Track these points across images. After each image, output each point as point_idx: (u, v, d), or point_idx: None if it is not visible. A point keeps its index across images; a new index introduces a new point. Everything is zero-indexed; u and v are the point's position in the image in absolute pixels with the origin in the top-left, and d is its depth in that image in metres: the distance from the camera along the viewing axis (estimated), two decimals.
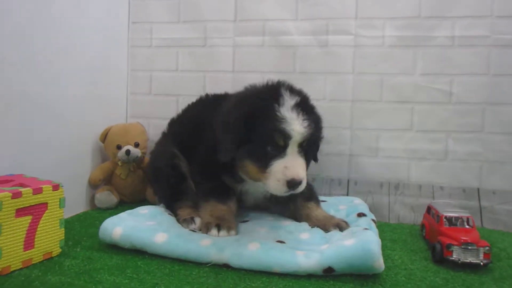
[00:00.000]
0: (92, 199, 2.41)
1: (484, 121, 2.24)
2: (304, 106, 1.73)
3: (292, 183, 1.63)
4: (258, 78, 2.39)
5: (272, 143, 1.66)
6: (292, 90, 1.77)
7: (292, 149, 1.67)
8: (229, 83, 2.55)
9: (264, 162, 1.68)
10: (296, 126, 1.65)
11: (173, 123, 2.32)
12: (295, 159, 1.67)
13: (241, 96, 1.85)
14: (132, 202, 2.43)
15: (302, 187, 1.67)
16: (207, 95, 2.29)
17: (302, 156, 1.70)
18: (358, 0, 2.39)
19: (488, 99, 2.23)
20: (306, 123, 1.67)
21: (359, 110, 2.40)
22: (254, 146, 1.69)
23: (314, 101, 2.33)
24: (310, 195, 2.01)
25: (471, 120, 2.25)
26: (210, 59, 2.61)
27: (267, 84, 1.85)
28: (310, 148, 1.79)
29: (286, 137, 1.65)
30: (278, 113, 1.66)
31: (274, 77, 2.39)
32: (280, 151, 1.66)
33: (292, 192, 1.66)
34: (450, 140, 2.29)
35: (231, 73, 2.58)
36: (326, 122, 2.33)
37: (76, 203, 2.29)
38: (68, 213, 2.12)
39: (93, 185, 2.42)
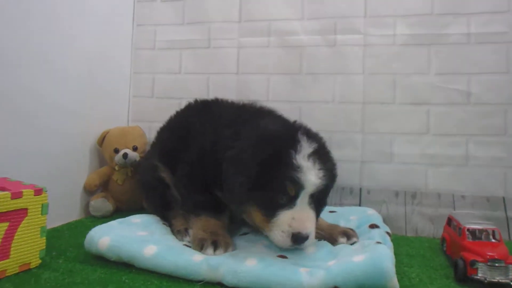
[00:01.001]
0: (87, 206, 2.29)
1: (506, 123, 2.11)
2: (321, 154, 1.60)
3: (297, 237, 1.50)
4: (263, 79, 2.39)
5: (283, 192, 1.53)
6: (309, 135, 1.63)
7: (303, 200, 1.54)
8: (233, 85, 2.48)
9: (271, 211, 1.55)
10: (311, 176, 1.52)
11: (161, 131, 2.21)
12: (304, 211, 1.55)
13: (257, 136, 1.64)
14: (130, 209, 2.28)
15: (309, 243, 1.54)
16: (195, 101, 2.14)
17: (312, 208, 1.57)
18: None
19: (510, 99, 2.11)
20: (321, 173, 1.54)
21: (371, 112, 2.28)
22: (264, 193, 1.55)
23: (322, 104, 2.30)
24: None
25: (492, 122, 2.12)
26: (214, 61, 2.53)
27: (284, 124, 1.73)
28: (321, 199, 1.65)
29: (299, 187, 1.52)
30: (294, 161, 1.52)
31: (280, 79, 2.37)
32: (290, 201, 1.54)
33: (297, 247, 1.53)
34: (470, 144, 2.15)
35: (235, 75, 2.49)
36: (335, 126, 2.28)
37: (70, 211, 2.18)
38: (59, 221, 2.04)
39: (89, 191, 2.30)
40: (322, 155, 1.60)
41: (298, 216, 1.51)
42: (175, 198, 1.91)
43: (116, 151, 2.32)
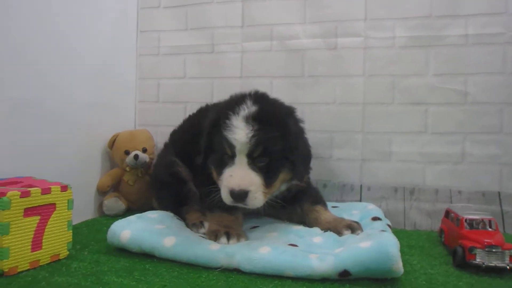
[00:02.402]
0: (100, 206, 2.39)
1: (502, 121, 2.17)
2: (263, 116, 1.68)
3: (233, 193, 1.62)
4: (266, 83, 2.44)
5: (224, 152, 1.68)
6: (257, 100, 1.74)
7: (241, 159, 1.66)
8: (237, 89, 2.40)
9: (220, 169, 1.70)
10: (238, 135, 1.63)
11: (174, 133, 2.31)
12: (242, 169, 1.65)
13: (218, 104, 1.86)
14: (140, 209, 2.34)
15: (250, 201, 1.63)
16: (207, 105, 2.24)
17: (254, 167, 1.66)
18: (367, 1, 2.34)
19: (506, 98, 2.16)
20: (252, 133, 1.63)
21: (371, 113, 2.35)
22: (215, 153, 1.73)
23: (324, 105, 2.37)
24: (317, 198, 1.99)
25: (488, 121, 2.18)
26: (217, 66, 2.59)
27: (241, 93, 1.84)
28: (273, 161, 1.69)
29: (231, 146, 1.65)
30: (229, 122, 1.66)
31: (282, 82, 2.44)
32: (231, 160, 1.67)
33: (239, 204, 1.65)
34: (467, 142, 2.21)
35: (239, 78, 2.55)
36: (336, 127, 2.35)
37: (85, 210, 2.27)
38: (76, 219, 2.08)
39: (101, 192, 2.40)
40: (264, 117, 1.67)
41: (235, 174, 1.63)
42: (192, 193, 2.00)
43: (127, 153, 2.40)
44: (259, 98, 1.77)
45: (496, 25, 2.18)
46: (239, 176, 1.63)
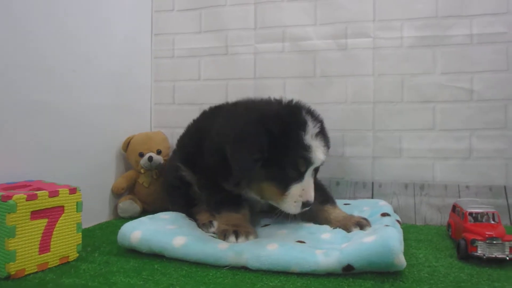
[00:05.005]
0: (115, 208, 2.42)
1: (507, 117, 2.20)
2: (323, 133, 1.80)
3: (307, 204, 1.72)
4: (280, 83, 2.48)
5: (294, 168, 1.71)
6: (312, 115, 1.81)
7: (309, 173, 1.74)
8: (251, 89, 2.56)
9: (284, 185, 1.71)
10: (319, 154, 1.72)
11: (181, 138, 2.35)
12: (310, 183, 1.75)
13: (260, 114, 1.76)
14: (155, 211, 2.36)
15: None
16: (209, 107, 2.28)
17: (313, 178, 1.77)
18: (376, 3, 2.38)
19: (510, 95, 2.20)
20: (326, 150, 1.77)
21: (381, 111, 2.38)
22: (276, 169, 1.71)
23: (335, 104, 2.42)
24: (326, 197, 2.01)
25: (494, 117, 2.22)
26: (232, 67, 2.63)
27: (284, 104, 1.87)
28: (318, 167, 1.83)
29: (309, 163, 1.71)
30: (304, 141, 1.69)
31: (295, 83, 2.49)
32: (300, 175, 1.72)
33: (304, 210, 1.74)
34: (474, 138, 2.24)
35: (252, 79, 2.59)
36: (348, 125, 2.40)
37: (99, 212, 2.31)
38: (90, 222, 2.17)
39: (116, 194, 2.44)
40: (324, 134, 1.81)
41: (306, 188, 1.71)
42: (198, 195, 2.07)
43: (141, 155, 2.44)
44: (310, 112, 1.84)
45: (499, 24, 2.21)
46: (311, 189, 1.74)
